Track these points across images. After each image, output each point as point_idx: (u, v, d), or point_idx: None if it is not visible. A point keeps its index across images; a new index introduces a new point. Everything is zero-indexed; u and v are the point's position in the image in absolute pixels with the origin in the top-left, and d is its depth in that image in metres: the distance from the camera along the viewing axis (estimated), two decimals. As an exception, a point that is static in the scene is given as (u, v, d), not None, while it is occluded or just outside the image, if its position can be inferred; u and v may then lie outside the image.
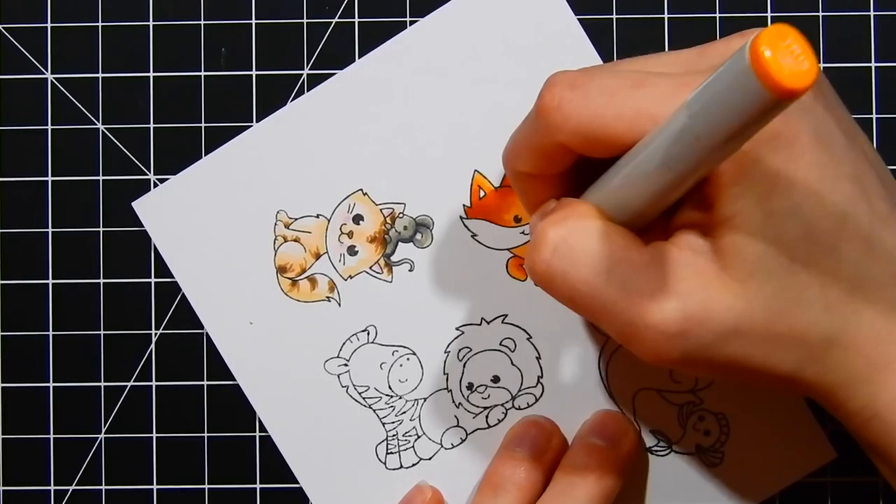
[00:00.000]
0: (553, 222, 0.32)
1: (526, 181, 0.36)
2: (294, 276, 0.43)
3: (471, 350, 0.43)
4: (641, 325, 0.31)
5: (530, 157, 0.34)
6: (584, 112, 0.31)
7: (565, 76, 0.32)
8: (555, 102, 0.32)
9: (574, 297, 0.32)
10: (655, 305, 0.31)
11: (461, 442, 0.43)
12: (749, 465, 0.43)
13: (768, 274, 0.31)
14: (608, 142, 0.31)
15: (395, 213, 0.43)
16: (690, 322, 0.31)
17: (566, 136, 0.32)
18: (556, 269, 0.32)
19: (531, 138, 0.34)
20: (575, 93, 0.32)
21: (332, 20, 0.44)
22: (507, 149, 0.36)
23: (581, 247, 0.32)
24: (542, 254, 0.32)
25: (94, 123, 0.44)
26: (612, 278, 0.31)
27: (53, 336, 0.44)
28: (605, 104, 0.31)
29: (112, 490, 0.44)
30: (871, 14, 0.43)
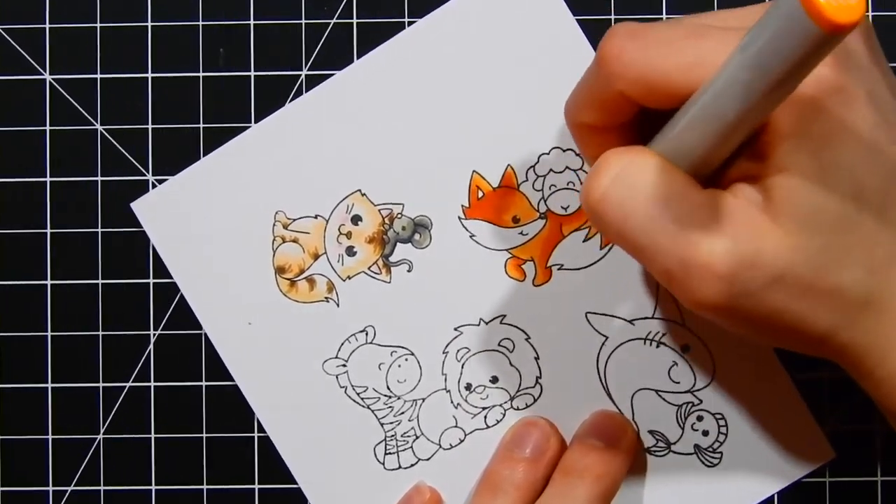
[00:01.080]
0: (614, 154, 0.32)
1: (587, 133, 0.35)
2: (292, 276, 0.43)
3: (469, 350, 0.43)
4: (692, 263, 0.31)
5: (591, 108, 0.34)
6: (643, 61, 0.31)
7: (625, 26, 0.32)
8: (615, 51, 0.32)
9: (625, 228, 0.32)
10: (708, 244, 0.30)
11: (460, 442, 0.43)
12: (748, 465, 0.43)
13: (817, 227, 0.31)
14: (668, 91, 0.31)
15: (394, 213, 0.43)
16: (740, 265, 0.30)
17: (626, 85, 0.32)
18: (612, 196, 0.32)
19: (592, 89, 0.34)
20: (635, 42, 0.32)
21: (330, 21, 0.44)
22: (568, 101, 0.36)
23: (641, 178, 0.32)
24: (600, 180, 0.32)
25: (93, 124, 0.44)
26: (667, 213, 0.31)
27: (52, 336, 0.44)
28: (665, 54, 0.31)
29: (110, 491, 0.44)
30: (868, 15, 0.43)
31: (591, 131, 0.35)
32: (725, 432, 0.43)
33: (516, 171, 0.43)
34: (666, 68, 0.31)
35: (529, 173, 0.43)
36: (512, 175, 0.43)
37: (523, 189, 0.43)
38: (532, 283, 0.43)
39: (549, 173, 0.43)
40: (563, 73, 0.43)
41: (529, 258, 0.43)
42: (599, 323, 0.43)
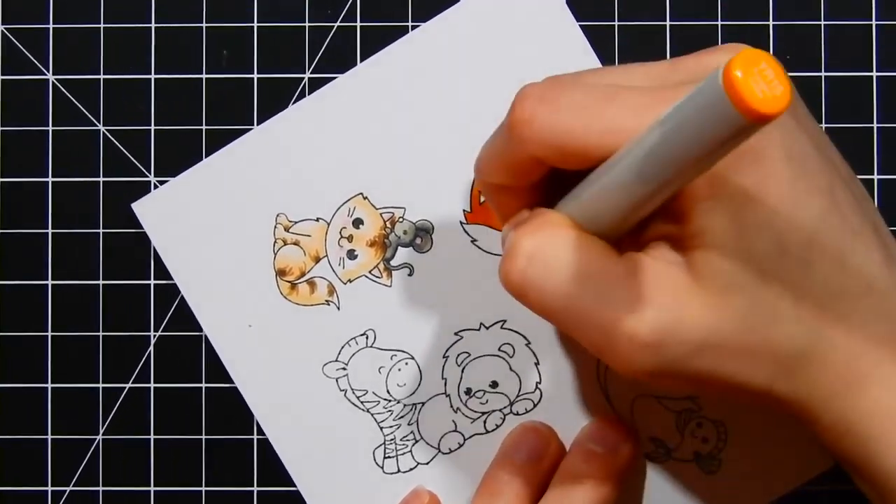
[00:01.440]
0: (527, 232, 0.32)
1: (498, 193, 0.35)
2: (293, 279, 0.43)
3: (469, 355, 0.43)
4: (616, 336, 0.31)
5: (502, 169, 0.34)
6: (555, 126, 0.31)
7: (534, 89, 0.32)
8: (525, 115, 0.31)
9: (548, 307, 0.32)
10: (630, 316, 0.30)
11: (459, 447, 0.43)
12: (747, 472, 0.43)
13: (740, 287, 0.31)
14: (579, 155, 0.31)
15: (395, 217, 0.43)
16: (664, 333, 0.30)
17: (537, 149, 0.32)
18: (530, 279, 0.32)
19: (502, 151, 0.33)
20: (545, 106, 0.31)
21: (333, 24, 0.44)
22: (478, 160, 0.36)
23: (556, 257, 0.32)
24: (515, 264, 0.32)
25: (95, 125, 0.44)
26: (586, 289, 0.31)
27: (52, 337, 0.44)
28: (576, 118, 0.31)
29: (109, 491, 0.44)
30: (872, 23, 0.43)
31: (502, 191, 0.35)
32: (725, 439, 0.43)
33: (518, 176, 0.43)
34: (578, 133, 0.31)
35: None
36: (514, 179, 0.43)
37: None
38: (508, 293, 0.43)
39: (551, 178, 0.43)
40: (565, 79, 0.43)
41: (530, 263, 0.43)
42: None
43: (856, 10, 0.43)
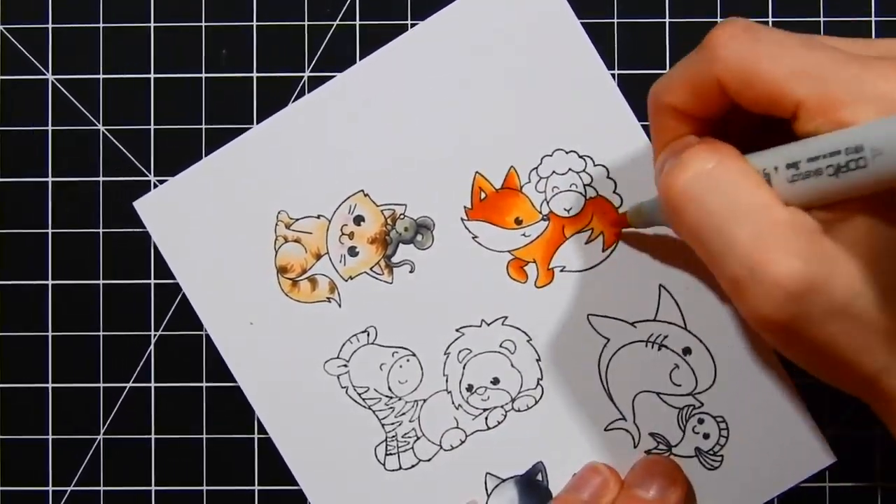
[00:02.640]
0: (704, 150, 0.32)
1: (668, 116, 0.35)
2: (294, 276, 0.43)
3: (471, 352, 0.43)
4: (762, 277, 0.30)
5: (682, 89, 0.34)
6: (750, 53, 0.31)
7: (741, 20, 0.32)
8: (725, 36, 0.32)
9: (702, 228, 0.32)
10: (782, 261, 0.30)
11: (461, 443, 0.43)
12: (748, 468, 0.43)
13: (890, 267, 0.30)
14: (765, 90, 0.31)
15: (396, 214, 0.43)
16: (811, 286, 0.30)
17: (726, 72, 0.32)
18: (694, 194, 0.31)
19: (690, 70, 0.33)
20: (747, 34, 0.32)
21: (333, 23, 0.44)
22: (658, 82, 0.36)
23: (727, 180, 0.31)
24: (684, 174, 0.32)
25: (95, 124, 0.44)
26: (747, 221, 0.31)
27: (53, 336, 0.44)
28: (774, 53, 0.31)
29: (110, 491, 0.44)
30: (872, 20, 0.43)
31: (674, 115, 0.35)
32: (726, 435, 0.43)
33: (519, 173, 0.43)
34: (770, 66, 0.31)
35: (532, 175, 0.43)
36: (514, 176, 0.43)
37: (526, 190, 0.43)
38: (534, 285, 0.43)
39: (552, 175, 0.43)
40: (565, 75, 0.43)
41: (531, 260, 0.43)
42: (601, 325, 0.43)
43: (855, 7, 0.43)
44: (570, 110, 0.43)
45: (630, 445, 0.43)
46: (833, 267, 0.30)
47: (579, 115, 0.43)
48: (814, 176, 0.30)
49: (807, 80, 0.30)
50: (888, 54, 0.32)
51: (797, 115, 0.31)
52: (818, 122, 0.30)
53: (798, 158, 0.30)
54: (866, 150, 0.28)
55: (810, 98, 0.30)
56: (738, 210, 0.31)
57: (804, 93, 0.30)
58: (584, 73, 0.43)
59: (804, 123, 0.31)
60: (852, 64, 0.30)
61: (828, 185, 0.29)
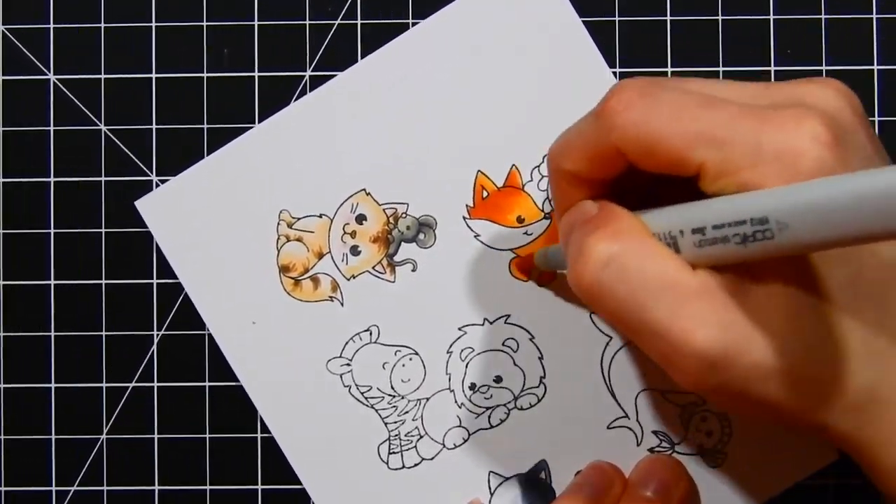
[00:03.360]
0: (604, 236, 0.32)
1: (568, 182, 0.35)
2: (297, 275, 0.43)
3: (473, 350, 0.43)
4: (683, 351, 0.31)
5: (580, 156, 0.34)
6: (648, 121, 0.31)
7: (635, 83, 0.32)
8: (621, 106, 0.32)
9: (619, 315, 0.32)
10: (700, 333, 0.30)
11: (463, 442, 0.43)
12: (751, 465, 0.43)
13: (812, 317, 0.31)
14: (665, 156, 0.31)
15: (398, 213, 0.43)
16: (731, 354, 0.30)
17: (624, 142, 0.32)
18: (605, 284, 0.32)
19: (586, 138, 0.34)
20: (643, 101, 0.32)
21: (334, 22, 0.44)
22: (555, 145, 0.36)
23: (634, 266, 0.31)
24: (590, 266, 0.32)
25: (97, 124, 0.44)
26: (661, 302, 0.31)
27: (55, 336, 0.44)
28: (671, 118, 0.31)
29: (114, 491, 0.44)
30: (873, 17, 0.43)
31: (573, 180, 0.35)
32: (729, 433, 0.43)
33: (521, 171, 0.43)
34: (669, 133, 0.31)
35: (534, 173, 0.43)
36: (516, 175, 0.43)
37: (528, 189, 0.43)
38: (536, 283, 0.43)
39: (554, 173, 0.43)
40: (567, 74, 0.43)
41: (534, 258, 0.43)
42: (604, 323, 0.43)
43: (856, 5, 0.43)
44: (572, 108, 0.43)
45: (633, 443, 0.43)
46: (751, 329, 0.30)
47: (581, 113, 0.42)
48: (721, 242, 0.30)
49: (706, 143, 0.30)
50: (789, 100, 0.32)
51: (700, 176, 0.31)
52: (721, 184, 0.30)
53: (703, 224, 0.30)
54: (771, 223, 0.27)
55: (711, 161, 0.30)
56: (650, 291, 0.31)
57: (705, 157, 0.30)
58: (586, 72, 0.43)
59: (708, 184, 0.31)
60: (749, 119, 0.30)
61: (736, 251, 0.29)
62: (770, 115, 0.30)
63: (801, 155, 0.29)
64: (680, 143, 0.31)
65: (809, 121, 0.30)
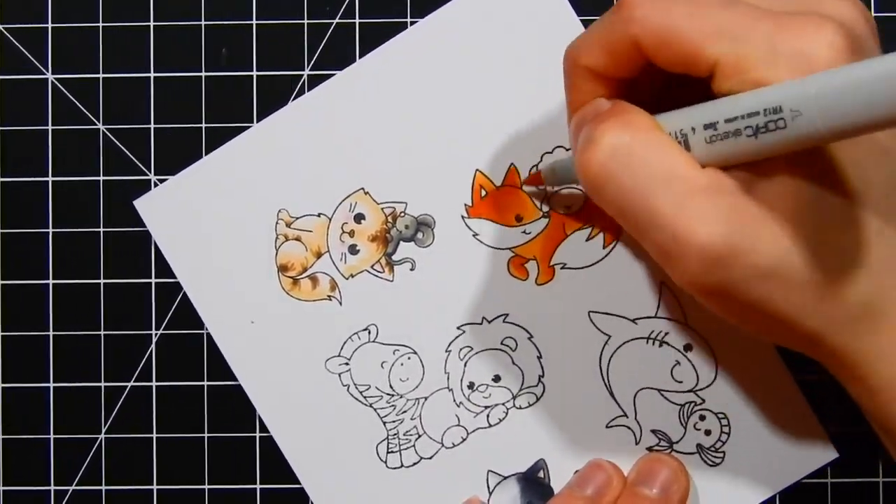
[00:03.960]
0: (614, 126, 0.32)
1: (584, 77, 0.35)
2: (295, 274, 0.43)
3: (472, 349, 0.43)
4: (687, 245, 0.30)
5: (598, 49, 0.34)
6: (667, 13, 0.31)
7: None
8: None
9: (623, 204, 0.32)
10: (705, 228, 0.30)
11: (462, 441, 0.43)
12: (750, 464, 0.43)
13: (818, 223, 0.30)
14: (681, 50, 0.31)
15: (397, 212, 0.43)
16: (735, 251, 0.30)
17: (643, 33, 0.32)
18: (611, 171, 0.31)
19: (605, 31, 0.33)
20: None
21: (332, 21, 0.44)
22: (574, 42, 0.35)
23: (642, 155, 0.31)
24: (598, 154, 0.32)
25: (95, 124, 0.44)
26: (667, 192, 0.31)
27: (54, 336, 0.44)
28: (690, 13, 0.31)
29: (112, 490, 0.44)
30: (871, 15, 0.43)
31: (589, 76, 0.35)
32: (728, 432, 0.43)
33: (519, 171, 0.43)
34: (687, 26, 0.31)
35: (533, 172, 0.43)
36: (515, 174, 0.43)
37: (526, 188, 0.43)
38: (535, 282, 0.43)
39: (553, 172, 0.43)
40: (565, 73, 0.43)
41: (532, 257, 0.43)
42: (602, 322, 0.43)
43: (854, 3, 0.43)
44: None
45: (632, 442, 0.43)
46: (756, 229, 0.30)
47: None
48: (732, 136, 0.30)
49: (723, 39, 0.30)
50: (805, 8, 0.32)
51: (714, 74, 0.31)
52: (735, 82, 0.30)
53: (715, 119, 0.30)
54: (785, 112, 0.28)
55: (726, 58, 0.30)
56: (656, 182, 0.31)
57: (720, 52, 0.30)
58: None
59: (721, 83, 0.31)
60: (768, 21, 0.30)
61: (747, 145, 0.29)
62: (788, 19, 0.30)
63: (816, 59, 0.29)
64: (697, 38, 0.31)
65: (826, 28, 0.30)
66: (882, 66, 0.25)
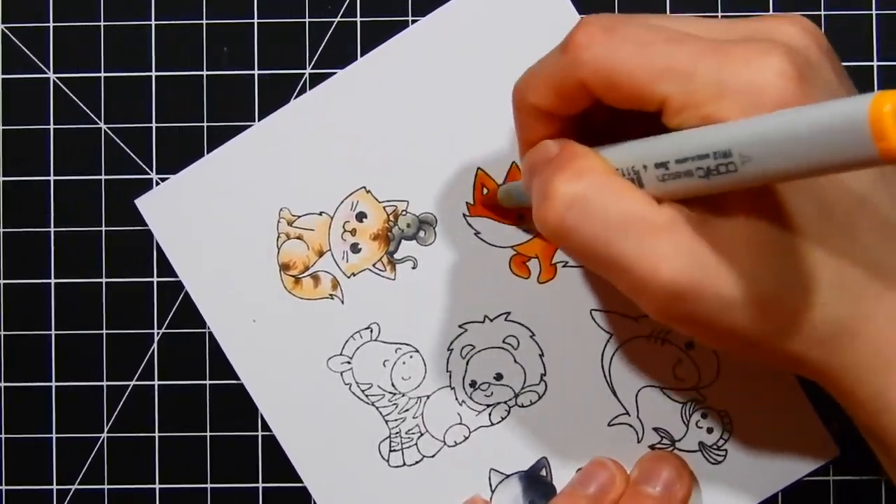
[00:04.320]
0: (566, 177, 0.32)
1: (533, 116, 0.35)
2: (297, 273, 0.43)
3: (474, 347, 0.43)
4: (652, 284, 0.30)
5: (546, 90, 0.34)
6: (613, 55, 0.31)
7: (600, 18, 0.32)
8: (585, 39, 0.32)
9: (586, 252, 0.32)
10: (667, 265, 0.30)
11: (464, 440, 0.43)
12: (752, 462, 0.43)
13: (779, 248, 0.30)
14: (629, 90, 0.31)
15: (398, 210, 0.43)
16: (699, 285, 0.30)
17: (590, 76, 0.32)
18: (570, 223, 0.31)
19: (552, 71, 0.33)
20: (608, 35, 0.31)
21: (334, 19, 0.44)
22: (521, 81, 0.36)
23: (598, 204, 0.31)
24: (555, 207, 0.32)
25: (97, 122, 0.44)
26: (627, 236, 0.31)
27: (56, 335, 0.44)
28: (636, 53, 0.31)
29: (114, 489, 0.44)
30: (873, 13, 0.43)
31: (537, 115, 0.35)
32: (730, 429, 0.43)
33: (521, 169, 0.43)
34: (634, 67, 0.31)
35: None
36: (517, 172, 0.43)
37: None
38: (537, 281, 0.43)
39: (554, 170, 0.43)
40: (567, 71, 0.43)
41: (534, 255, 0.43)
42: (604, 320, 0.43)
43: (856, 1, 0.43)
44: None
45: (634, 440, 0.43)
46: (717, 261, 0.30)
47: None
48: (684, 177, 0.29)
49: (670, 78, 0.30)
50: (753, 34, 0.32)
51: (664, 110, 0.31)
52: (684, 117, 0.30)
53: (666, 158, 0.30)
54: (734, 156, 0.27)
55: (675, 95, 0.30)
56: (616, 228, 0.31)
57: (668, 91, 0.30)
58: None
59: (670, 118, 0.31)
60: (714, 54, 0.30)
61: (699, 184, 0.29)
62: (734, 49, 0.30)
63: (765, 89, 0.29)
64: (644, 77, 0.31)
65: (774, 55, 0.30)
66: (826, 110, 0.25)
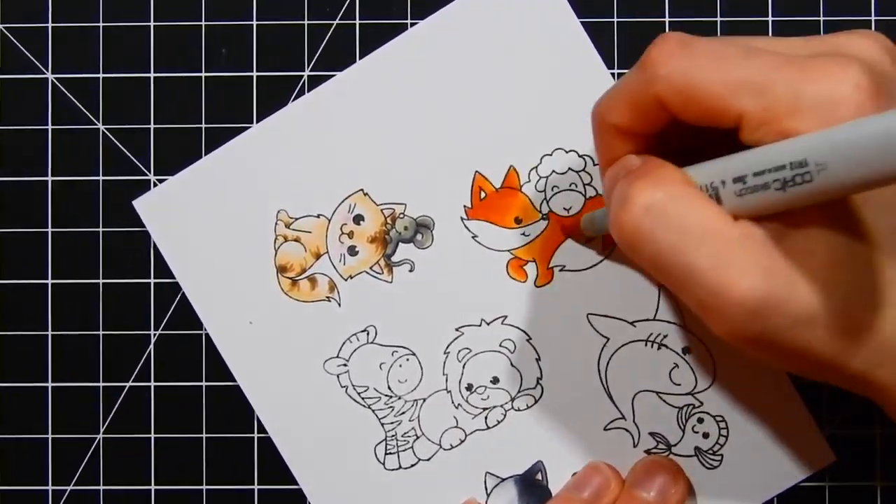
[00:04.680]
0: (646, 184, 0.32)
1: (612, 135, 0.35)
2: (294, 275, 0.43)
3: (470, 351, 0.43)
4: (724, 299, 0.30)
5: (624, 108, 0.34)
6: (689, 70, 0.31)
7: (677, 35, 0.32)
8: (663, 56, 0.32)
9: (660, 261, 0.31)
10: (741, 281, 0.30)
11: (460, 443, 0.43)
12: (748, 467, 0.43)
13: (854, 264, 0.30)
14: (706, 105, 0.31)
15: (396, 213, 0.43)
16: (774, 301, 0.30)
17: (666, 91, 0.32)
18: (646, 230, 0.31)
19: (630, 90, 0.33)
20: (684, 51, 0.32)
21: (332, 22, 0.44)
22: (600, 100, 0.36)
23: (675, 212, 0.31)
24: (632, 213, 0.31)
25: (95, 123, 0.44)
26: (701, 248, 0.31)
27: (52, 336, 0.44)
28: (712, 68, 0.31)
29: (110, 490, 0.44)
30: (871, 19, 0.43)
31: (616, 134, 0.35)
32: (726, 434, 0.43)
33: (519, 172, 0.43)
34: (710, 82, 0.31)
35: (532, 174, 0.43)
36: (514, 176, 0.43)
37: (525, 190, 0.43)
38: (534, 284, 0.43)
39: (552, 174, 0.43)
40: (565, 75, 0.43)
41: (531, 259, 0.43)
42: (601, 324, 0.43)
43: (855, 7, 0.43)
44: (570, 110, 0.43)
45: (630, 445, 0.43)
46: (792, 277, 0.30)
47: (579, 114, 0.42)
48: (762, 190, 0.30)
49: (746, 93, 0.30)
50: (828, 49, 0.32)
51: (741, 126, 0.31)
52: (762, 133, 0.30)
53: (744, 173, 0.30)
54: (810, 165, 0.27)
55: (752, 110, 0.30)
56: (691, 238, 0.31)
57: (745, 105, 0.30)
58: (584, 73, 0.43)
59: (748, 134, 0.31)
60: (791, 68, 0.30)
61: (776, 197, 0.29)
62: (811, 63, 0.30)
63: (842, 103, 0.29)
64: (721, 92, 0.31)
65: (851, 69, 0.30)
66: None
